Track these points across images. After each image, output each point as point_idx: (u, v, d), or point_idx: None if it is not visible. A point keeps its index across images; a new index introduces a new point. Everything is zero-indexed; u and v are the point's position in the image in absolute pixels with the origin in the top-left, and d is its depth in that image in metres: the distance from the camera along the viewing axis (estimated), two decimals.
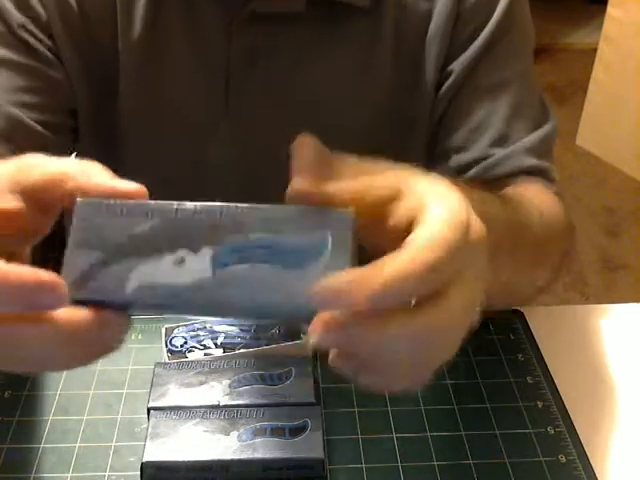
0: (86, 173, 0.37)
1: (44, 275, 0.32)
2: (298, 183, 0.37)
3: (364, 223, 0.37)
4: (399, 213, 0.37)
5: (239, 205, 0.36)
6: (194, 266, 0.35)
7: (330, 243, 0.35)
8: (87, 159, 0.80)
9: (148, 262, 0.35)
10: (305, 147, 0.38)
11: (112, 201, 0.37)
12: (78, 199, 0.36)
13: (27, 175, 0.37)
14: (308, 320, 0.33)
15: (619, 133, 2.45)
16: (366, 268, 0.32)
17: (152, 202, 0.37)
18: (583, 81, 2.59)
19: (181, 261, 0.35)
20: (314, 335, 0.33)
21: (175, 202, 0.37)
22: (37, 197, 0.37)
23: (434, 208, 0.35)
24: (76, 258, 0.35)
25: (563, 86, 2.91)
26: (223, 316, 0.35)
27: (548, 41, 3.16)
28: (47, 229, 0.40)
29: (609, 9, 2.41)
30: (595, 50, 2.49)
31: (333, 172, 0.37)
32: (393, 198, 0.37)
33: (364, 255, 0.39)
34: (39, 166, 0.37)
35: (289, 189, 0.36)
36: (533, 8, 0.74)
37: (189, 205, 0.37)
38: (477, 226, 0.36)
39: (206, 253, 0.35)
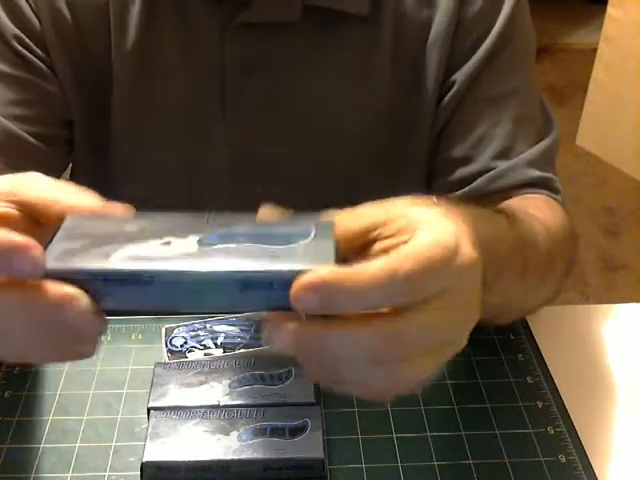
0: (77, 197, 0.38)
1: (19, 238, 0.33)
2: (268, 210, 0.38)
3: (355, 251, 0.38)
4: (388, 234, 0.37)
5: (226, 213, 0.38)
6: (180, 246, 0.35)
7: (313, 233, 0.36)
8: (82, 168, 0.81)
9: (133, 244, 0.36)
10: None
11: (99, 215, 0.38)
12: (67, 216, 0.38)
13: (23, 190, 0.38)
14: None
15: (619, 133, 2.45)
16: (340, 270, 0.33)
17: (141, 212, 0.38)
18: (583, 81, 2.59)
19: (167, 243, 0.36)
20: (266, 330, 0.34)
21: (164, 213, 0.38)
22: (31, 211, 0.38)
23: (423, 231, 0.36)
24: (59, 244, 0.36)
25: (563, 86, 2.91)
26: (206, 290, 0.34)
27: (548, 41, 3.16)
28: (44, 239, 0.40)
29: (609, 9, 2.41)
30: (595, 50, 2.49)
31: None
32: (384, 222, 0.37)
33: None
34: (35, 186, 0.39)
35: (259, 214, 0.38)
36: (533, 8, 0.74)
37: (177, 213, 0.37)
38: (468, 253, 0.36)
39: (193, 238, 0.36)
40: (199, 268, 0.34)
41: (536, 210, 0.64)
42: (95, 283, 0.34)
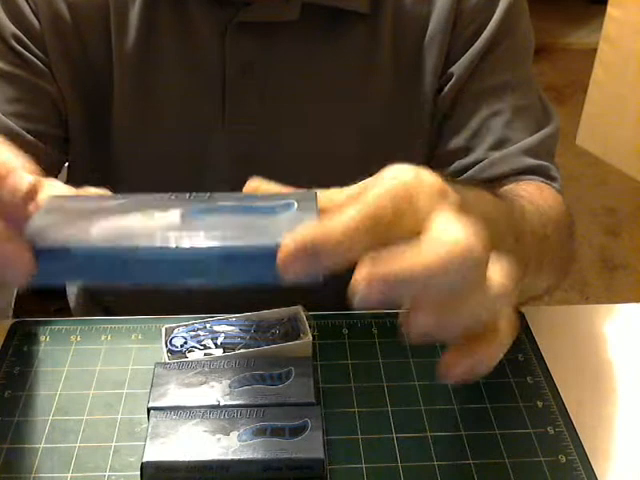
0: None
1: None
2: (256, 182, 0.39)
3: None
4: None
5: (208, 193, 0.38)
6: (162, 218, 0.35)
7: (296, 205, 0.37)
8: (80, 168, 0.81)
9: (115, 218, 0.35)
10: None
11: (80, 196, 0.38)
12: (48, 196, 0.37)
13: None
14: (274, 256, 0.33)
15: (619, 133, 2.45)
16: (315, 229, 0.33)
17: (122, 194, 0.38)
18: (583, 81, 2.59)
19: (149, 216, 0.35)
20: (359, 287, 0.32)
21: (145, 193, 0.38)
22: None
23: (386, 173, 0.37)
24: (39, 220, 0.35)
25: (563, 86, 2.91)
26: (189, 265, 0.34)
27: (548, 41, 3.16)
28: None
29: (609, 9, 2.41)
30: (595, 50, 2.49)
31: None
32: (365, 188, 0.37)
33: None
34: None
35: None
36: (533, 8, 0.74)
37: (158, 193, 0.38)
38: (430, 178, 0.37)
39: (176, 212, 0.36)
40: (182, 244, 0.34)
41: (525, 192, 0.64)
42: (75, 258, 0.34)
